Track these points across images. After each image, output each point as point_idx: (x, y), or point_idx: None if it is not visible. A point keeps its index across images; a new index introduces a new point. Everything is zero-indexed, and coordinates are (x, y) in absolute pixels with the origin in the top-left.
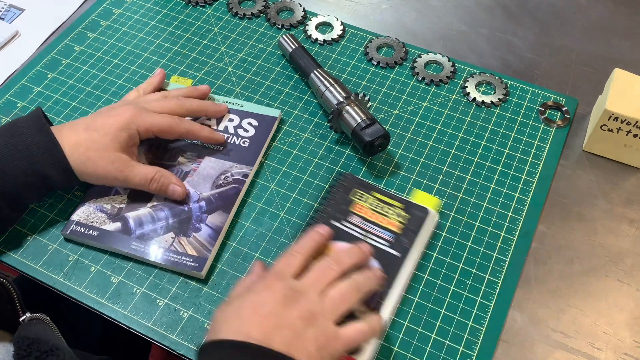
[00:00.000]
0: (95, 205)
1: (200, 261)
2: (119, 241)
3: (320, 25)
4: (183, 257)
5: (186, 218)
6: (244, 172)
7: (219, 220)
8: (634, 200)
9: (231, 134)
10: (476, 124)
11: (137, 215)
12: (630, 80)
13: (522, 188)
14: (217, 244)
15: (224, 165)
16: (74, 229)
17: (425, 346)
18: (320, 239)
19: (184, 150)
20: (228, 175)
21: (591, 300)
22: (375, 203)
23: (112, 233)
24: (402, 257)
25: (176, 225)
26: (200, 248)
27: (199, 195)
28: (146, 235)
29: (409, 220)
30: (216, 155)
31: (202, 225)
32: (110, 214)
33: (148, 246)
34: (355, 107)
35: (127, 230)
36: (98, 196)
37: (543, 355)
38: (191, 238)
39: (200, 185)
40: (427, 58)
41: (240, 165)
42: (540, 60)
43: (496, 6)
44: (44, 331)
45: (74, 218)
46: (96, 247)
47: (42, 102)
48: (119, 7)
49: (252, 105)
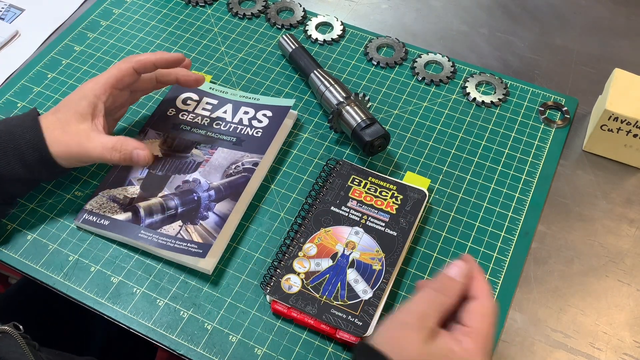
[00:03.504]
0: (109, 195)
1: (204, 247)
2: (128, 230)
3: (320, 25)
4: (188, 244)
5: (195, 207)
6: (254, 161)
7: (226, 208)
8: (634, 200)
9: (245, 125)
10: (476, 124)
11: (147, 205)
12: (630, 80)
13: (522, 188)
14: (222, 231)
15: (235, 155)
16: (86, 218)
17: None
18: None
19: (198, 142)
20: (239, 165)
21: (591, 300)
22: (371, 187)
23: (122, 222)
24: (398, 236)
25: (184, 213)
26: (206, 235)
27: (209, 185)
28: (155, 224)
29: (402, 200)
30: (229, 147)
31: (210, 213)
32: (122, 203)
33: (155, 235)
34: (355, 107)
35: (137, 219)
36: (111, 186)
37: (543, 355)
38: (198, 226)
39: (211, 175)
40: (427, 58)
41: (251, 154)
42: (540, 60)
43: (496, 6)
44: (9, 348)
45: (87, 207)
46: (105, 236)
47: (42, 102)
48: (119, 7)
49: (267, 98)
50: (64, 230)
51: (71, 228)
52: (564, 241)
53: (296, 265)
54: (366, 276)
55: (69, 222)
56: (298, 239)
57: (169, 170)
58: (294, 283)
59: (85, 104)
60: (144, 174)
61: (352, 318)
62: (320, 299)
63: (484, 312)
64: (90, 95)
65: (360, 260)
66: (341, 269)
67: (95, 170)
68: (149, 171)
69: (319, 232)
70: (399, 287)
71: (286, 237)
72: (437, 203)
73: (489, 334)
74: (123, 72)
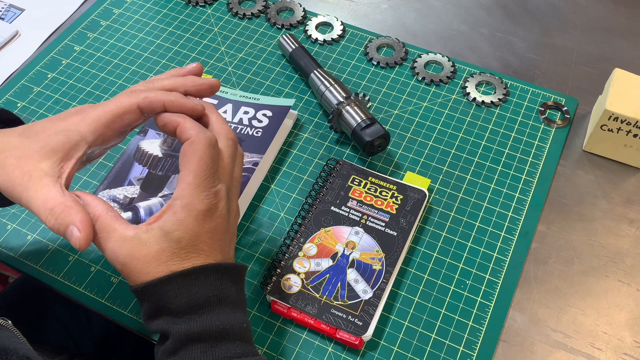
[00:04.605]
0: (108, 195)
1: None
2: None
3: (320, 25)
4: None
5: None
6: (254, 161)
7: None
8: (634, 200)
9: (245, 125)
10: (476, 124)
11: (147, 205)
12: (630, 80)
13: (522, 188)
14: None
15: None
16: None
17: (425, 346)
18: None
19: None
20: None
21: (591, 300)
22: (371, 187)
23: None
24: (398, 236)
25: None
26: None
27: None
28: None
29: (402, 200)
30: None
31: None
32: (122, 203)
33: None
34: (355, 107)
35: (137, 219)
36: (111, 186)
37: (543, 355)
38: None
39: None
40: (427, 58)
41: (251, 154)
42: (540, 60)
43: (496, 6)
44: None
45: None
46: None
47: (42, 102)
48: (119, 7)
49: (267, 98)
50: None
51: None
52: (564, 241)
53: (296, 265)
54: (366, 276)
55: None
56: (298, 239)
57: (169, 170)
58: (294, 283)
59: (60, 139)
60: (144, 174)
61: (352, 318)
62: (320, 299)
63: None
64: (73, 132)
65: (360, 260)
66: (341, 269)
67: (95, 170)
68: (149, 171)
69: (319, 232)
70: (399, 287)
71: (286, 237)
72: (437, 203)
73: (201, 170)
74: (123, 109)
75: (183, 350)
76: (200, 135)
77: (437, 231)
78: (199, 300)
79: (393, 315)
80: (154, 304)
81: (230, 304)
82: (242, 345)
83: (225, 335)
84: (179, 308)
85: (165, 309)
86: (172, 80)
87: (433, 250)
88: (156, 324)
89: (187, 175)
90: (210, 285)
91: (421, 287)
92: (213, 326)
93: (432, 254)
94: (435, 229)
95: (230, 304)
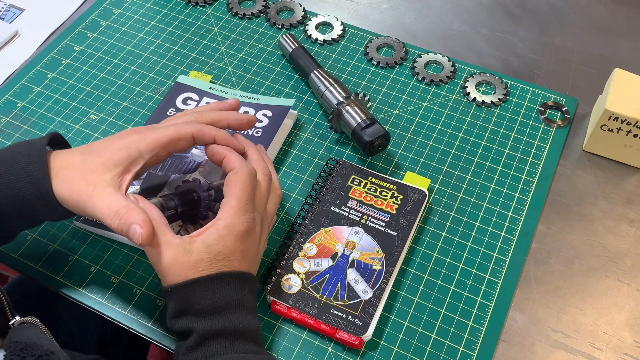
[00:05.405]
0: None
1: None
2: None
3: (320, 25)
4: None
5: (195, 206)
6: None
7: None
8: (634, 200)
9: None
10: (476, 124)
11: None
12: (630, 80)
13: (522, 188)
14: None
15: None
16: (86, 218)
17: (425, 346)
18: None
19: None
20: None
21: (591, 300)
22: (371, 187)
23: None
24: (398, 236)
25: (185, 213)
26: None
27: (209, 184)
28: None
29: (402, 200)
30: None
31: (210, 213)
32: None
33: None
34: (355, 107)
35: None
36: None
37: (543, 355)
38: (198, 226)
39: (211, 174)
40: (427, 58)
41: None
42: (540, 60)
43: (496, 6)
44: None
45: None
46: (105, 236)
47: (42, 102)
48: (119, 7)
49: (267, 98)
50: (64, 230)
51: (71, 228)
52: (564, 241)
53: (296, 265)
54: (366, 276)
55: (69, 222)
56: (298, 239)
57: (169, 170)
58: (294, 283)
59: (122, 155)
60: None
61: (352, 318)
62: (320, 299)
63: (236, 179)
64: (133, 149)
65: (360, 260)
66: (341, 269)
67: None
68: (149, 171)
69: (319, 232)
70: (399, 287)
71: (286, 237)
72: (437, 203)
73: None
74: (180, 136)
75: (205, 345)
76: (243, 166)
77: (437, 231)
78: (221, 302)
79: (393, 315)
80: (181, 303)
81: (248, 309)
82: (256, 346)
83: (243, 334)
84: (203, 308)
85: (191, 309)
86: (217, 113)
87: (433, 250)
88: (180, 322)
89: (230, 200)
90: (232, 290)
91: (421, 287)
92: (233, 325)
93: (432, 254)
94: (435, 229)
95: (248, 309)
